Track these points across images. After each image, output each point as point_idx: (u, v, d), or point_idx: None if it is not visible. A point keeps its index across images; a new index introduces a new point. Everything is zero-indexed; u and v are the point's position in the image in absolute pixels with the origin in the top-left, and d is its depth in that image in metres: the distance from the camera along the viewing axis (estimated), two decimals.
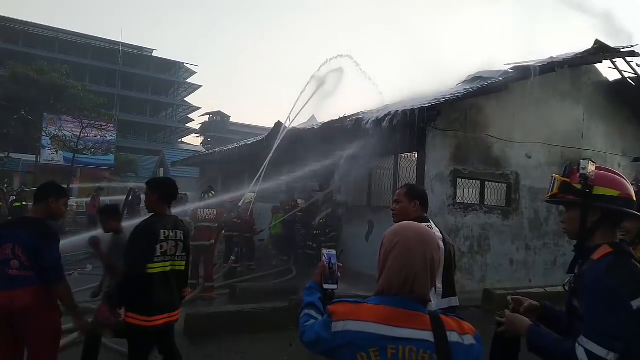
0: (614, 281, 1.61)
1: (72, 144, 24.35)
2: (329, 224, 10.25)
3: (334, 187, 10.67)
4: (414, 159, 8.95)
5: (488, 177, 9.15)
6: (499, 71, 9.42)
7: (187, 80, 56.99)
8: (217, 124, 61.53)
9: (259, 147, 13.61)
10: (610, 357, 1.56)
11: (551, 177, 1.90)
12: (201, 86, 59.57)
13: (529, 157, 9.49)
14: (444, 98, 8.40)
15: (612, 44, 9.69)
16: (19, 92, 27.33)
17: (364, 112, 10.17)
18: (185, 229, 3.60)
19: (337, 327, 1.43)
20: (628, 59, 10.04)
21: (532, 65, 8.92)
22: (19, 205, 14.00)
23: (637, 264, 1.70)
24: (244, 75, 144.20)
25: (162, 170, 31.31)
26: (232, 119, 62.91)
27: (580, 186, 1.78)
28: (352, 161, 9.39)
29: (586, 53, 9.64)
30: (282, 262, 11.17)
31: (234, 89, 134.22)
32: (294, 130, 11.98)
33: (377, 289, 1.49)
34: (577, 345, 1.62)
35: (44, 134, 27.23)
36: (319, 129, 11.12)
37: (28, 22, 48.04)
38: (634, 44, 9.79)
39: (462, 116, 8.77)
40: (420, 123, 8.05)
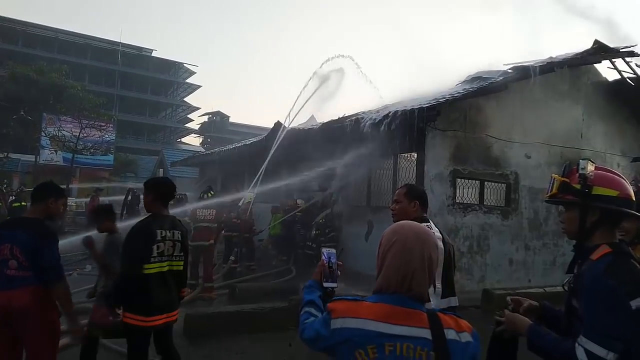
0: (612, 281, 1.61)
1: (72, 144, 24.33)
2: (328, 224, 10.25)
3: (333, 187, 10.66)
4: (413, 159, 8.95)
5: (487, 177, 9.16)
6: (498, 71, 9.42)
7: (187, 81, 57.01)
8: (217, 124, 61.53)
9: (258, 147, 13.61)
10: (610, 357, 1.56)
11: (550, 177, 1.90)
12: (200, 86, 59.71)
13: (529, 157, 9.50)
14: (443, 98, 8.40)
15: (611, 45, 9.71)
16: (18, 92, 27.28)
17: (363, 112, 10.16)
18: (183, 228, 3.61)
19: (335, 324, 1.44)
20: (627, 59, 10.06)
21: (531, 65, 8.93)
22: (18, 205, 13.98)
23: (636, 264, 1.70)
24: (244, 75, 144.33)
25: (161, 170, 31.32)
26: (231, 119, 63.01)
27: (580, 186, 1.78)
28: (351, 161, 9.38)
29: (585, 53, 9.65)
30: (281, 262, 11.16)
31: (233, 89, 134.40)
32: (293, 131, 11.98)
33: (375, 287, 1.50)
34: (577, 345, 1.62)
35: (43, 134, 27.20)
36: (319, 129, 11.10)
37: (27, 22, 48.04)
38: (633, 44, 9.81)
39: (461, 116, 8.77)
40: (420, 123, 8.06)
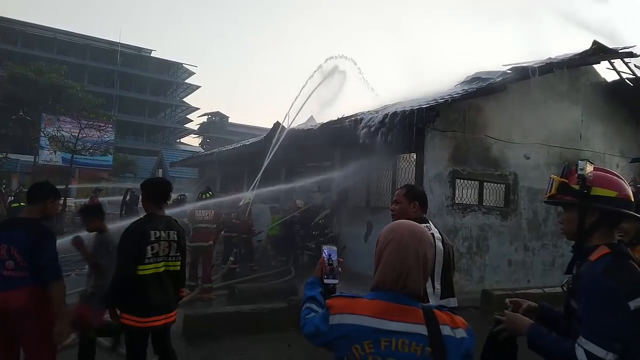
0: (611, 282, 1.61)
1: (71, 144, 24.27)
2: (327, 224, 10.24)
3: (333, 187, 10.66)
4: (412, 159, 8.94)
5: (486, 178, 9.16)
6: (497, 72, 9.43)
7: (186, 81, 57.01)
8: (216, 125, 61.54)
9: (257, 148, 13.60)
10: (609, 357, 1.56)
11: (549, 178, 1.90)
12: (200, 87, 59.76)
13: (528, 158, 9.50)
14: (442, 99, 8.39)
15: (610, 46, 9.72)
16: (17, 93, 27.29)
17: (362, 113, 10.16)
18: (180, 228, 3.58)
19: (334, 320, 1.49)
20: (626, 59, 10.07)
21: (530, 66, 8.94)
22: (17, 205, 13.91)
23: (634, 264, 1.70)
24: (243, 75, 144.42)
25: (160, 170, 31.33)
26: (230, 120, 63.08)
27: (578, 187, 1.78)
28: (350, 162, 9.38)
29: (584, 54, 9.66)
30: (280, 263, 11.15)
31: (232, 90, 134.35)
32: (292, 131, 11.98)
33: (372, 284, 1.54)
34: (577, 345, 1.62)
35: (42, 134, 27.19)
36: (318, 129, 11.10)
37: (26, 23, 48.02)
38: (631, 45, 9.82)
39: (460, 117, 8.77)
40: (419, 124, 8.05)
